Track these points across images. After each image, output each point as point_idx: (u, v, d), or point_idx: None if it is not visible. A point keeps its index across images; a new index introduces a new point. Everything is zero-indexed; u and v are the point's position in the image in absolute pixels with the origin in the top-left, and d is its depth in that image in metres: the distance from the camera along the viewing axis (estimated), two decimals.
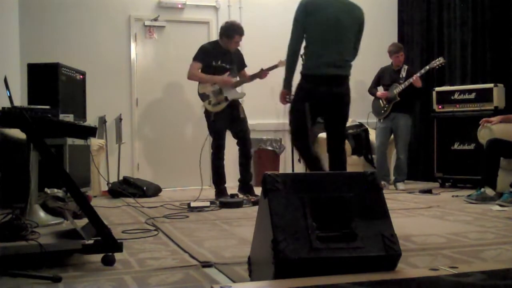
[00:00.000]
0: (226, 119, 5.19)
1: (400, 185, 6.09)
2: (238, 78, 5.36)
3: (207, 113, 5.22)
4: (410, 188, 6.00)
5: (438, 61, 5.96)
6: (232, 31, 5.19)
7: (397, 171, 6.19)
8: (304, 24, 3.85)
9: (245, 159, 5.28)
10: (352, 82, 7.87)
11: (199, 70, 5.24)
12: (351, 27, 3.91)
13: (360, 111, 6.94)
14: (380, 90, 6.35)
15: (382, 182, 6.19)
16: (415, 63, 7.13)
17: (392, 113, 6.12)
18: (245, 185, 5.25)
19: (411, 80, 5.93)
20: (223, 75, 5.18)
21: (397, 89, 6.05)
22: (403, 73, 6.14)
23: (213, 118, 5.14)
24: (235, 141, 5.31)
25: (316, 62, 3.86)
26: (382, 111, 6.20)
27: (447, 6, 6.87)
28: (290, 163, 6.27)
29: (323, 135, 6.62)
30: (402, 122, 6.13)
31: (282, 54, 6.82)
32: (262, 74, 5.30)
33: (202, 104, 5.23)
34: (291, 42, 3.93)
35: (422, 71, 5.99)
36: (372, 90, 6.40)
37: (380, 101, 6.24)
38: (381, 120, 6.25)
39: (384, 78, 6.31)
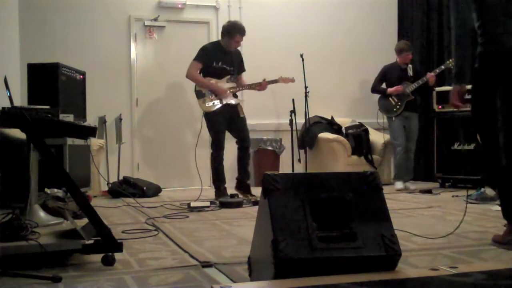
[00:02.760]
0: (224, 120, 5.19)
1: (411, 185, 6.03)
2: (238, 82, 5.36)
3: (205, 113, 5.22)
4: (418, 188, 5.95)
5: (453, 62, 5.94)
6: (233, 31, 5.19)
7: (405, 170, 6.14)
8: None
9: (243, 158, 5.28)
10: (353, 82, 7.92)
11: (199, 71, 5.25)
12: None
13: (362, 111, 6.96)
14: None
15: (404, 184, 6.04)
16: (415, 62, 7.13)
17: (405, 111, 6.04)
18: (242, 184, 5.25)
19: (425, 79, 5.88)
20: (221, 83, 5.17)
21: (410, 87, 6.00)
22: (410, 72, 6.11)
23: (206, 117, 5.16)
24: (234, 140, 5.32)
25: (493, 31, 2.81)
26: (394, 109, 6.08)
27: (447, 5, 6.87)
28: (290, 163, 6.26)
29: (323, 135, 6.66)
30: (414, 121, 6.11)
31: (281, 54, 6.89)
32: (261, 85, 5.34)
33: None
34: (457, 15, 2.88)
35: (437, 70, 5.96)
36: (378, 88, 6.24)
37: (391, 99, 6.10)
38: (394, 118, 6.10)
39: (390, 76, 6.20)
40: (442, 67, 5.95)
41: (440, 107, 6.15)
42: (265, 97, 6.73)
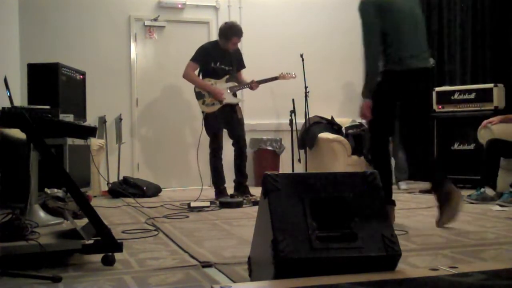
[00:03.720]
0: (222, 120, 5.20)
1: (403, 184, 6.04)
2: (238, 80, 5.37)
3: (204, 113, 5.23)
4: (411, 188, 5.98)
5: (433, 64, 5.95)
6: (230, 33, 5.19)
7: (398, 170, 6.15)
8: (378, 19, 3.52)
9: (240, 161, 5.29)
10: (353, 82, 7.90)
11: (196, 71, 5.25)
12: (421, 14, 3.71)
13: None
14: None
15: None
16: None
17: None
18: (240, 186, 5.25)
19: None
20: (220, 83, 5.18)
21: None
22: None
23: (204, 117, 5.15)
24: (230, 142, 5.33)
25: (398, 55, 3.47)
26: None
27: (447, 6, 6.87)
28: (290, 163, 6.27)
29: (323, 135, 6.65)
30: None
31: (281, 54, 6.89)
32: (256, 85, 5.35)
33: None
34: (367, 42, 3.51)
35: None
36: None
37: None
38: None
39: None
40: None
41: (440, 107, 6.14)
42: (265, 97, 6.74)
